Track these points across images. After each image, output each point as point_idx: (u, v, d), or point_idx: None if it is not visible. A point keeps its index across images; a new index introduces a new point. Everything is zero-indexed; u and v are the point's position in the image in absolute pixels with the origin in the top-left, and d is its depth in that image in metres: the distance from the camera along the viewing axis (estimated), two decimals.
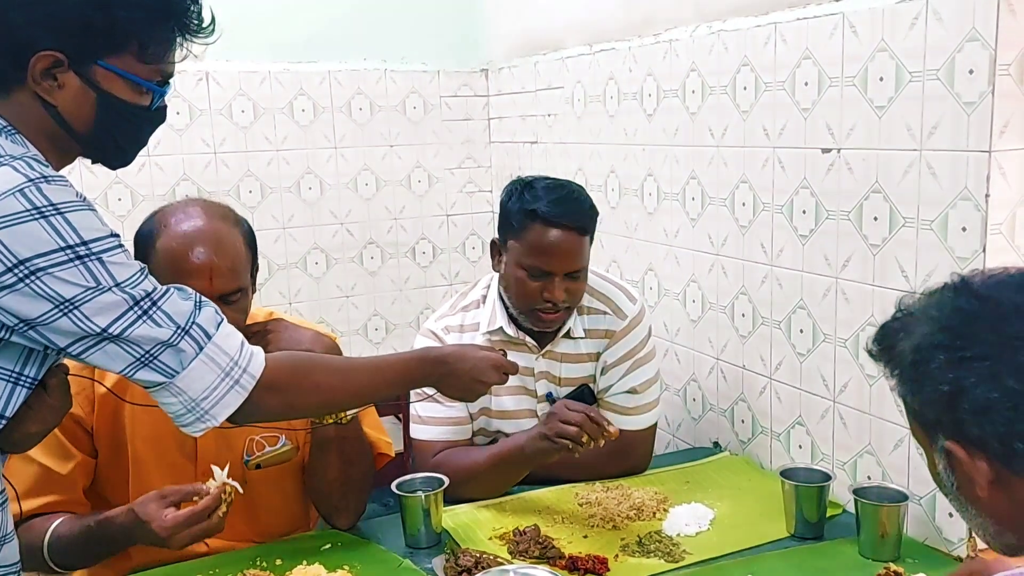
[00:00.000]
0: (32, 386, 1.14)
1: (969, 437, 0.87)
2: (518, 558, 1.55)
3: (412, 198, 3.14)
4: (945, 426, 0.89)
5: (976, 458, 0.87)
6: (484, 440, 1.93)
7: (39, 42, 1.08)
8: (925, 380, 0.89)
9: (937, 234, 1.53)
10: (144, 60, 1.14)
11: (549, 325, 1.84)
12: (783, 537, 1.64)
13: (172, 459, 1.61)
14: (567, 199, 1.79)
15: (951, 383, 0.86)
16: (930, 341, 0.89)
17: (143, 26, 1.12)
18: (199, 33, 1.18)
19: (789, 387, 1.92)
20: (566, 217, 1.76)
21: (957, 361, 0.86)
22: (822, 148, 1.75)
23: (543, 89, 2.79)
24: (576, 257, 1.78)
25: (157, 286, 1.12)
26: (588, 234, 1.81)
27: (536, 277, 1.78)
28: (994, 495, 0.88)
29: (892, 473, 1.67)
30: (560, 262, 1.77)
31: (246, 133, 2.87)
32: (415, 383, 1.46)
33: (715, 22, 2.03)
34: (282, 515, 1.72)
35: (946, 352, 0.87)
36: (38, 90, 1.10)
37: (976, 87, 1.43)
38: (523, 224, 1.78)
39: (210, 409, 1.15)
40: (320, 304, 3.04)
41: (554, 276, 1.76)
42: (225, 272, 1.49)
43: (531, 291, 1.78)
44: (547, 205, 1.76)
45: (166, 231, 1.49)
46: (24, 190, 1.03)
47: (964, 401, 0.86)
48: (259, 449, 1.65)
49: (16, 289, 1.03)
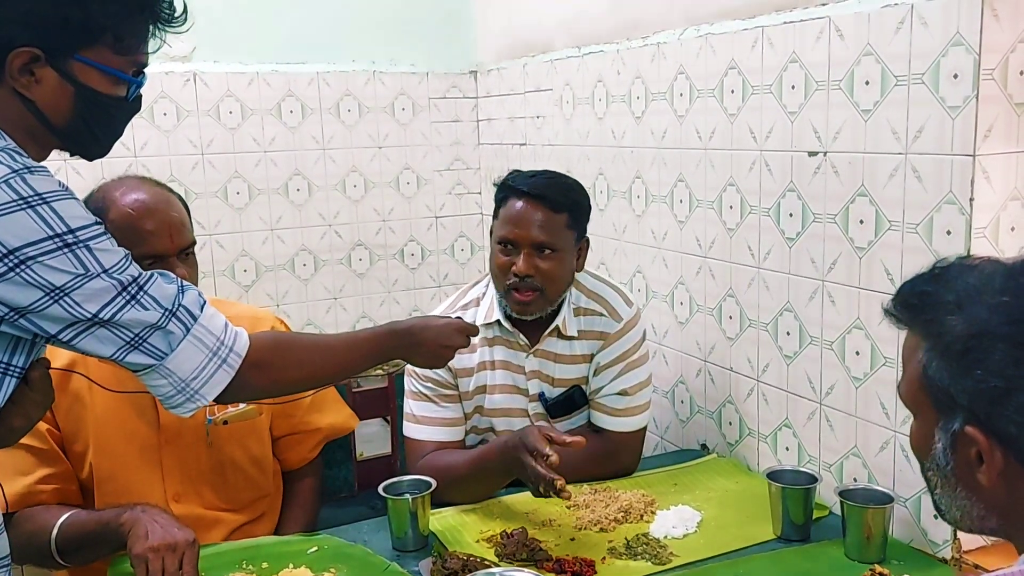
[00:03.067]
0: (21, 376, 1.15)
1: (999, 432, 0.85)
2: (505, 561, 1.55)
3: (401, 200, 3.13)
4: (976, 415, 0.86)
5: (995, 450, 0.85)
6: (476, 438, 1.93)
7: (16, 39, 1.09)
8: (975, 367, 0.84)
9: (922, 237, 1.54)
10: (119, 52, 1.16)
11: (523, 309, 1.83)
12: (770, 539, 1.65)
13: (133, 426, 1.65)
14: (544, 175, 1.84)
15: (1007, 380, 0.83)
16: (991, 330, 0.84)
17: (117, 19, 1.14)
18: (172, 23, 1.20)
19: (776, 389, 1.92)
20: (537, 188, 1.80)
21: (1018, 359, 0.82)
22: (808, 151, 1.76)
23: (532, 91, 2.80)
24: (543, 229, 1.79)
25: (142, 272, 1.15)
26: (562, 211, 1.81)
27: (507, 251, 1.81)
28: (996, 485, 0.87)
29: (878, 475, 1.68)
30: (525, 232, 1.78)
31: (234, 134, 2.85)
32: (386, 355, 1.48)
33: (702, 25, 2.03)
34: (249, 479, 1.76)
35: (1008, 345, 0.83)
36: (16, 85, 1.12)
37: (960, 91, 1.44)
38: (500, 201, 1.84)
39: (200, 389, 1.18)
40: (308, 306, 3.03)
41: (520, 248, 1.78)
42: (181, 228, 1.60)
43: (502, 265, 1.81)
44: (523, 180, 1.82)
45: (116, 203, 1.57)
46: (9, 180, 1.04)
47: (1014, 399, 0.83)
48: (220, 411, 1.70)
49: (7, 278, 1.04)
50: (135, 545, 1.38)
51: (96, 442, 1.63)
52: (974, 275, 0.89)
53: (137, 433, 1.65)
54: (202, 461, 1.69)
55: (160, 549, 1.37)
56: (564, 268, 1.83)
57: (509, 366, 1.90)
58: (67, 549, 1.52)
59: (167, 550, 1.37)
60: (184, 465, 1.69)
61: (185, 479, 1.69)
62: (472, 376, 1.89)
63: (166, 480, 1.67)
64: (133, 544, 1.39)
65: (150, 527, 1.40)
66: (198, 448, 1.69)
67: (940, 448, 0.91)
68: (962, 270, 0.91)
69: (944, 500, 0.95)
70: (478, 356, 1.88)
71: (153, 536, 1.39)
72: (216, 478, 1.71)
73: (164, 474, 1.67)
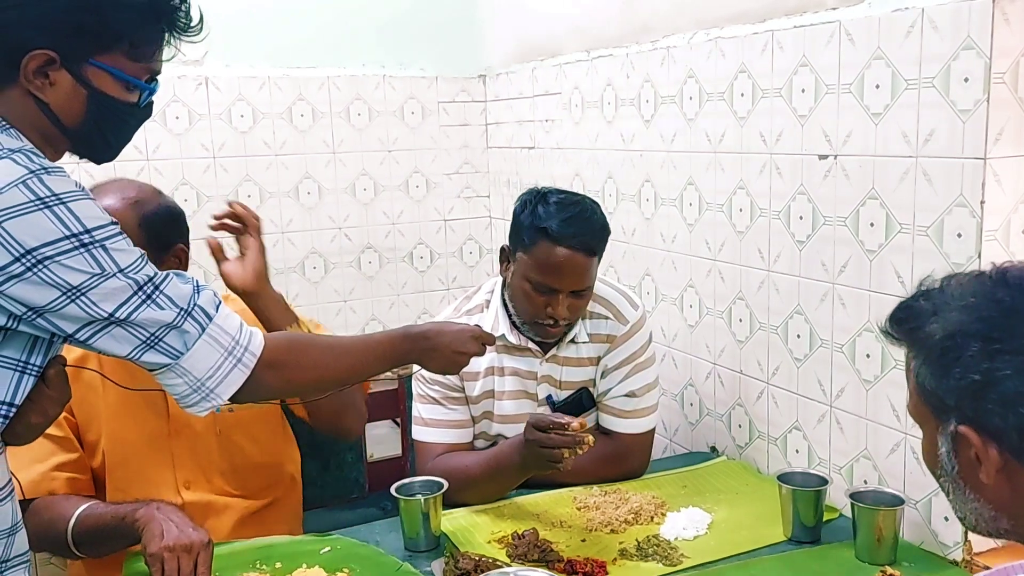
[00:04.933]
0: (38, 374, 1.17)
1: (987, 426, 0.88)
2: (517, 561, 1.56)
3: (410, 203, 3.15)
4: (964, 412, 0.89)
5: (989, 446, 0.88)
6: (485, 444, 1.94)
7: (32, 41, 1.11)
8: (954, 366, 0.89)
9: (933, 240, 1.54)
10: (134, 58, 1.17)
11: (550, 337, 1.85)
12: (780, 541, 1.65)
13: (144, 416, 1.67)
14: (578, 218, 1.77)
15: (983, 373, 0.87)
16: (965, 329, 0.89)
17: (134, 26, 1.15)
18: (187, 32, 1.21)
19: (786, 392, 1.93)
20: (576, 238, 1.75)
21: (992, 352, 0.87)
22: (819, 155, 1.77)
23: (541, 95, 2.81)
24: (582, 277, 1.78)
25: (158, 272, 1.16)
26: (597, 255, 1.81)
27: (541, 292, 1.78)
28: (998, 483, 0.90)
29: (888, 477, 1.69)
30: (566, 281, 1.77)
31: (245, 138, 2.87)
32: (401, 359, 1.49)
33: (712, 29, 2.04)
34: (259, 466, 1.76)
35: (981, 341, 0.88)
36: (30, 88, 1.13)
37: (971, 95, 1.45)
38: (533, 239, 1.77)
39: (215, 388, 1.19)
40: (318, 308, 3.04)
41: (559, 293, 1.77)
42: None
43: (536, 305, 1.79)
44: (558, 224, 1.75)
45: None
46: (27, 181, 1.05)
47: (993, 392, 0.87)
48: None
49: (24, 278, 1.05)
50: (150, 544, 1.39)
51: (108, 431, 1.66)
52: (951, 285, 0.94)
53: (148, 423, 1.68)
54: (212, 450, 1.72)
55: (175, 549, 1.38)
56: (591, 295, 1.85)
57: (520, 372, 1.90)
58: (83, 541, 1.54)
59: (182, 551, 1.38)
60: (194, 453, 1.71)
61: (196, 467, 1.71)
62: (478, 380, 1.90)
63: (177, 469, 1.70)
64: (148, 542, 1.40)
65: (165, 526, 1.41)
66: (208, 437, 1.71)
67: (944, 453, 0.94)
68: (943, 283, 0.96)
69: (958, 505, 0.97)
70: (486, 361, 1.88)
71: (168, 536, 1.40)
72: (226, 466, 1.73)
73: (175, 463, 1.70)
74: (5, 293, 1.06)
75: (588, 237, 1.77)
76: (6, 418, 1.15)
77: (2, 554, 1.18)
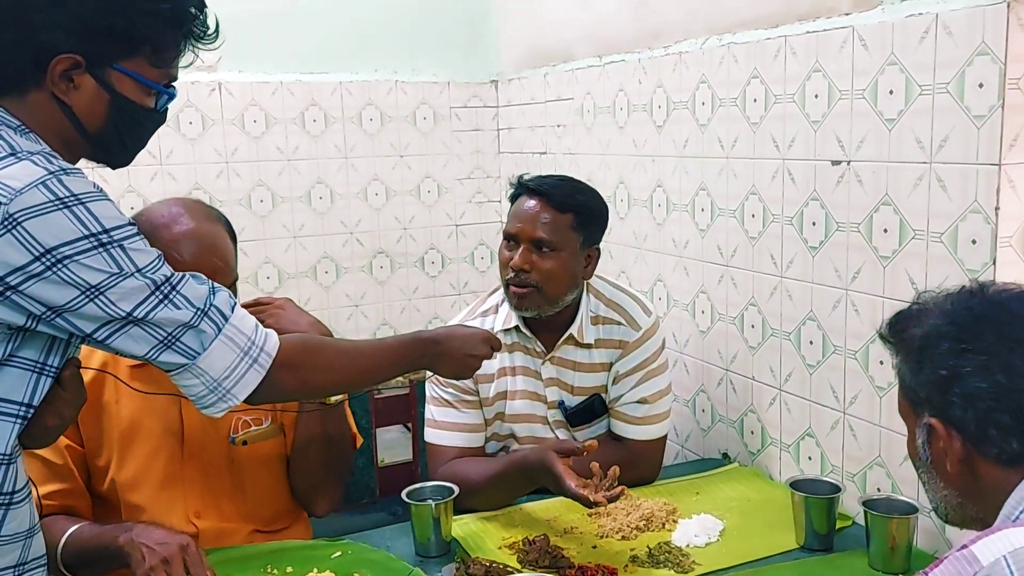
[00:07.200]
0: (55, 375, 1.17)
1: (951, 418, 1.00)
2: (528, 567, 1.55)
3: (421, 208, 3.15)
4: (933, 405, 1.01)
5: (953, 437, 1.00)
6: (497, 445, 1.94)
7: (60, 45, 1.12)
8: (927, 362, 1.01)
9: (947, 246, 1.54)
10: (155, 64, 1.19)
11: (519, 303, 1.84)
12: (792, 549, 1.64)
13: (157, 440, 1.64)
14: (558, 177, 1.88)
15: (949, 369, 0.99)
16: (938, 330, 1.01)
17: (157, 31, 1.17)
18: (205, 39, 1.23)
19: (799, 398, 1.92)
20: (544, 186, 1.83)
21: (959, 351, 0.99)
22: (832, 160, 1.76)
23: (552, 100, 2.81)
24: (544, 226, 1.81)
25: (175, 272, 1.17)
26: (567, 212, 1.82)
27: (509, 246, 1.84)
28: (962, 471, 1.01)
29: (902, 485, 1.67)
30: (526, 227, 1.81)
31: (258, 143, 2.89)
32: (413, 364, 1.49)
33: (725, 35, 2.04)
34: (270, 497, 1.75)
35: (950, 342, 1.00)
36: (55, 90, 1.14)
37: (986, 100, 1.44)
38: (511, 199, 1.89)
39: (231, 388, 1.20)
40: (330, 313, 3.05)
41: (521, 243, 1.81)
42: (222, 269, 1.56)
43: (503, 259, 1.85)
44: (535, 179, 1.86)
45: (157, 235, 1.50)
46: (46, 182, 1.07)
47: (956, 386, 0.98)
48: (244, 428, 1.69)
49: (44, 277, 1.06)
50: (137, 569, 1.39)
51: (119, 455, 1.63)
52: (938, 296, 1.06)
53: (162, 447, 1.64)
54: (224, 478, 1.68)
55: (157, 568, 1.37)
56: (564, 268, 1.83)
57: (528, 372, 1.91)
58: (72, 564, 1.52)
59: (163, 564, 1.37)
60: (206, 480, 1.68)
61: (207, 494, 1.68)
62: (492, 382, 1.90)
63: (187, 497, 1.66)
64: (135, 569, 1.39)
65: (145, 550, 1.39)
66: (220, 465, 1.68)
67: (920, 444, 1.05)
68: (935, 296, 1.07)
69: (931, 495, 1.08)
70: (498, 362, 1.89)
71: (149, 557, 1.39)
72: (237, 494, 1.70)
73: (186, 491, 1.66)
74: (25, 292, 1.07)
75: (558, 190, 1.83)
76: (24, 419, 1.15)
77: (20, 556, 1.18)
